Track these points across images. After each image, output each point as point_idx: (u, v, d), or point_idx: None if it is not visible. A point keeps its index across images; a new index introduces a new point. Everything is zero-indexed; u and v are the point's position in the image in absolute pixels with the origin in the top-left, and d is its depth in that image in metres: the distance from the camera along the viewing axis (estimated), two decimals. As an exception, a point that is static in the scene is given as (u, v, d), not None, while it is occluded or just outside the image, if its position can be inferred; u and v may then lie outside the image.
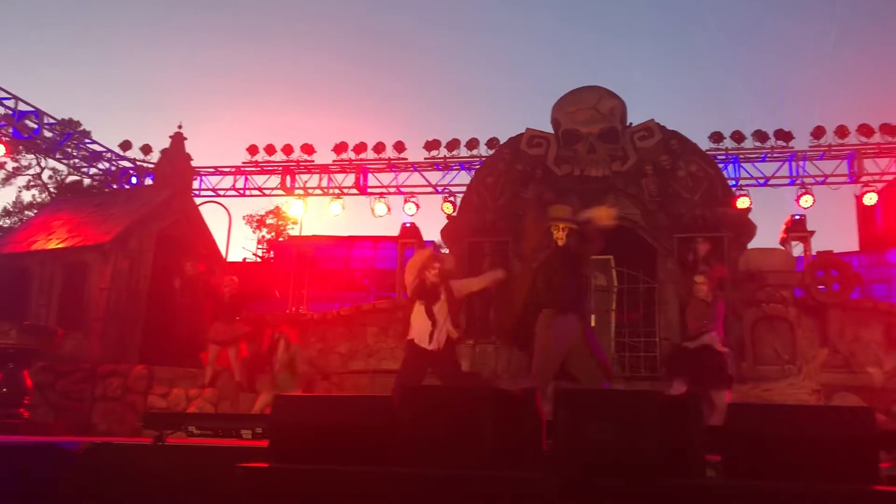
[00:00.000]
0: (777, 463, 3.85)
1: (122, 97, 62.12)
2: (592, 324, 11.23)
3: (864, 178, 13.59)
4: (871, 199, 13.79)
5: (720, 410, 6.97)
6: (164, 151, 14.21)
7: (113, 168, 15.68)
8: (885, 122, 13.24)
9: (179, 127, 14.19)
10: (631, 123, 11.62)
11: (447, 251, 12.16)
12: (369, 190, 15.03)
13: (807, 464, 3.81)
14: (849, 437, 3.73)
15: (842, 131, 13.26)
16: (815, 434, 3.78)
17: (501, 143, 12.72)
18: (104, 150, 15.52)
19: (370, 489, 3.83)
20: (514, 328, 7.29)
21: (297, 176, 15.23)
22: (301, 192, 15.31)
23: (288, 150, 15.01)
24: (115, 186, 15.34)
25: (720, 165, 12.74)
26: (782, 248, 13.04)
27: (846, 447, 3.74)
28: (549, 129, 11.81)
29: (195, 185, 15.33)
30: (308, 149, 14.98)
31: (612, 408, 3.92)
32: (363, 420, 4.14)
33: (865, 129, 13.24)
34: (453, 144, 14.16)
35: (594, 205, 11.36)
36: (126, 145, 15.39)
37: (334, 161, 14.97)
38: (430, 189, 14.77)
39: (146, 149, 15.29)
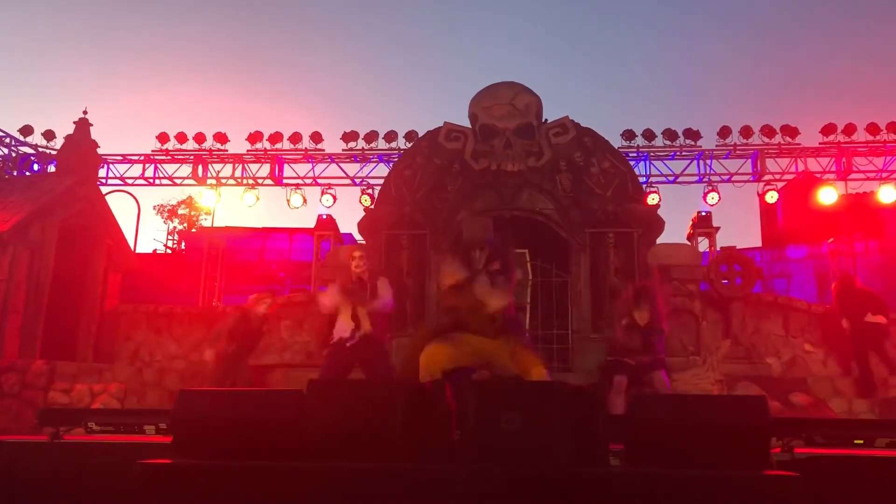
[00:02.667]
0: (677, 451, 3.98)
1: (22, 80, 59.22)
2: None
3: (766, 177, 14.15)
4: (772, 197, 14.39)
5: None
6: (67, 138, 13.60)
7: (13, 154, 14.90)
8: (786, 124, 13.83)
9: (84, 112, 13.62)
10: (546, 120, 11.80)
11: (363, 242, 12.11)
12: (285, 181, 14.75)
13: (705, 451, 3.95)
14: (743, 425, 3.89)
15: (746, 132, 13.78)
16: (713, 422, 3.93)
17: (420, 136, 12.72)
18: (3, 134, 14.72)
19: (276, 485, 3.77)
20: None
21: (209, 165, 14.80)
22: (214, 181, 14.91)
23: (200, 138, 14.57)
24: (14, 173, 14.57)
25: (631, 163, 13.06)
26: (689, 243, 13.52)
27: (741, 435, 3.90)
28: (467, 123, 11.87)
29: (101, 173, 14.71)
30: (221, 137, 14.59)
31: (520, 398, 3.97)
32: (270, 415, 4.07)
33: (768, 130, 13.80)
34: (371, 136, 14.05)
35: (510, 199, 11.58)
36: (27, 130, 14.64)
37: (249, 151, 14.63)
38: (348, 181, 14.62)
39: (49, 134, 14.59)
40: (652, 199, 13.62)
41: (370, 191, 14.05)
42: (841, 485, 4.04)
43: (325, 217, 14.46)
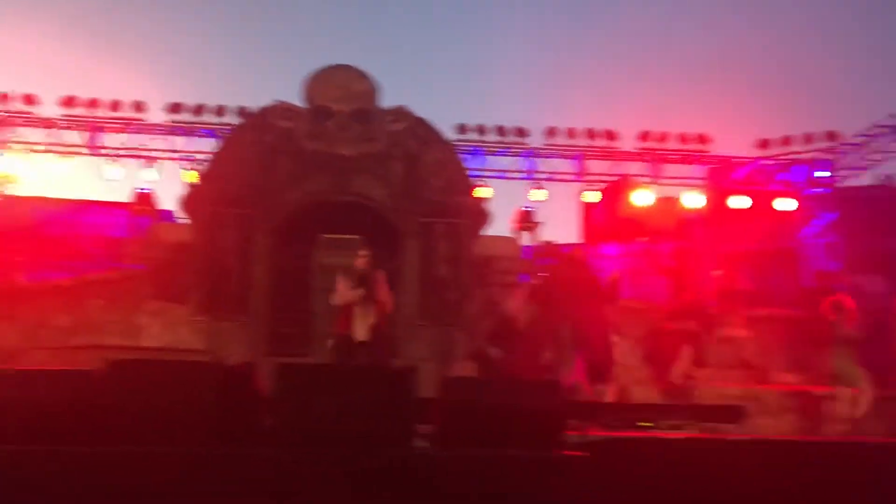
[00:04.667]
0: (481, 432, 4.12)
1: None
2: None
3: (588, 177, 15.00)
4: (592, 196, 15.27)
5: None
6: None
7: None
8: (608, 129, 14.72)
9: None
10: (383, 106, 11.79)
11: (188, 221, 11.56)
12: (102, 151, 13.81)
13: (507, 432, 4.12)
14: (542, 408, 4.09)
15: (571, 133, 14.53)
16: (515, 405, 4.10)
17: (252, 112, 12.31)
18: None
19: (64, 470, 3.52)
20: None
21: (15, 128, 13.58)
22: (21, 146, 13.68)
23: (3, 98, 13.33)
24: None
25: (463, 156, 13.37)
26: (512, 236, 14.04)
27: (540, 417, 4.10)
28: (301, 103, 11.63)
29: None
30: (30, 99, 13.41)
31: (332, 382, 3.96)
32: (59, 396, 3.79)
33: (591, 133, 14.63)
34: (200, 109, 13.45)
35: (343, 183, 11.49)
36: None
37: (62, 115, 13.56)
38: (172, 154, 13.92)
39: None
40: (482, 193, 14.03)
41: (196, 166, 13.45)
42: (627, 463, 4.34)
43: (143, 191, 13.67)
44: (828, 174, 15.05)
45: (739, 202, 14.96)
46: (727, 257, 19.04)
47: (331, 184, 11.44)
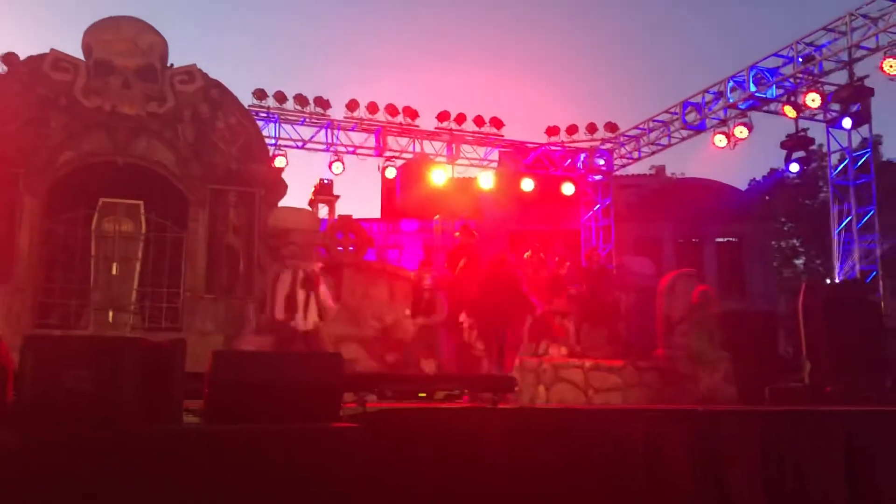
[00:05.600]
0: (255, 407, 4.05)
1: None
2: (114, 272, 10.66)
3: (387, 153, 15.09)
4: (391, 172, 15.42)
5: None
6: None
7: None
8: (407, 106, 14.88)
9: None
10: (172, 65, 11.13)
11: None
12: None
13: (282, 406, 4.08)
14: (317, 381, 4.09)
15: (372, 108, 14.53)
16: (289, 379, 4.07)
17: (20, 59, 11.10)
18: None
19: None
20: None
21: None
22: None
23: None
24: None
25: (261, 123, 12.97)
26: (310, 209, 13.89)
27: (315, 390, 4.10)
28: (79, 54, 10.69)
29: None
30: None
31: (90, 355, 3.70)
32: None
33: (391, 109, 14.71)
34: (-42, 53, 11.91)
35: (125, 144, 10.74)
36: None
37: None
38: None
39: None
40: (279, 162, 13.71)
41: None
42: (398, 433, 4.48)
43: None
44: (603, 163, 16.23)
45: (528, 185, 15.78)
46: (516, 236, 20.12)
47: (111, 145, 10.66)
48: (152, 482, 3.52)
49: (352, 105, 14.41)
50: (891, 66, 10.77)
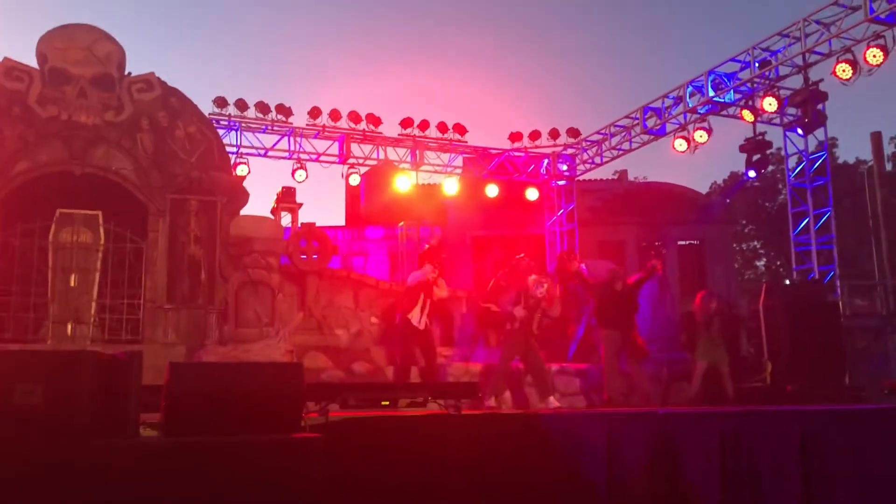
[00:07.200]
0: (215, 418, 3.99)
1: None
2: (73, 283, 10.46)
3: (350, 160, 15.03)
4: (355, 180, 15.38)
5: None
6: None
7: None
8: (371, 112, 14.83)
9: None
10: (130, 73, 10.98)
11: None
12: None
13: (242, 418, 4.02)
14: (278, 392, 4.05)
15: (335, 115, 14.47)
16: (250, 390, 4.02)
17: (-29, 69, 10.88)
18: None
19: None
20: None
21: None
22: None
23: None
24: None
25: (222, 131, 12.84)
26: (272, 217, 13.78)
27: (275, 401, 4.05)
28: (33, 62, 10.50)
29: None
30: None
31: (40, 369, 3.61)
32: None
33: (354, 116, 14.66)
34: None
35: (82, 154, 10.56)
36: None
37: None
38: None
39: None
40: (241, 171, 13.59)
41: None
42: (363, 442, 4.45)
43: None
44: (566, 168, 16.36)
45: (493, 191, 15.83)
46: (481, 242, 20.17)
47: (67, 154, 10.48)
48: (105, 497, 3.45)
49: (314, 112, 14.34)
50: (843, 71, 11.01)
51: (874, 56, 10.53)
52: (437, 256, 9.77)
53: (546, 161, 16.39)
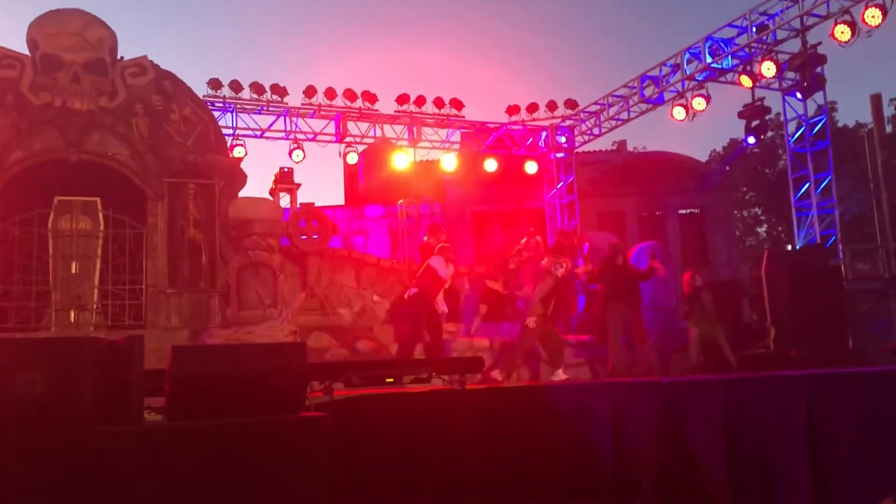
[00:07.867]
0: (218, 401, 3.98)
1: None
2: (74, 270, 10.45)
3: (347, 139, 14.93)
4: (352, 158, 15.28)
5: None
6: None
7: None
8: (366, 90, 14.72)
9: None
10: (122, 57, 10.90)
11: None
12: None
13: (245, 400, 4.01)
14: (281, 372, 4.03)
15: (330, 93, 14.34)
16: (252, 371, 4.00)
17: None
18: None
19: None
20: None
21: None
22: None
23: None
24: None
25: (217, 113, 12.76)
26: (271, 198, 13.73)
27: (279, 381, 4.04)
28: (24, 49, 10.42)
29: None
30: None
31: (42, 357, 3.59)
32: None
33: (350, 94, 14.54)
34: None
35: (77, 140, 10.50)
36: None
37: None
38: None
39: None
40: (238, 152, 13.52)
41: None
42: (368, 419, 4.45)
43: None
44: (565, 140, 16.25)
45: (491, 165, 15.75)
46: (481, 217, 20.13)
47: (63, 141, 10.44)
48: (111, 483, 3.45)
49: (309, 91, 14.23)
50: (842, 33, 10.89)
51: (873, 16, 10.40)
52: (447, 252, 9.56)
53: (544, 134, 16.29)
